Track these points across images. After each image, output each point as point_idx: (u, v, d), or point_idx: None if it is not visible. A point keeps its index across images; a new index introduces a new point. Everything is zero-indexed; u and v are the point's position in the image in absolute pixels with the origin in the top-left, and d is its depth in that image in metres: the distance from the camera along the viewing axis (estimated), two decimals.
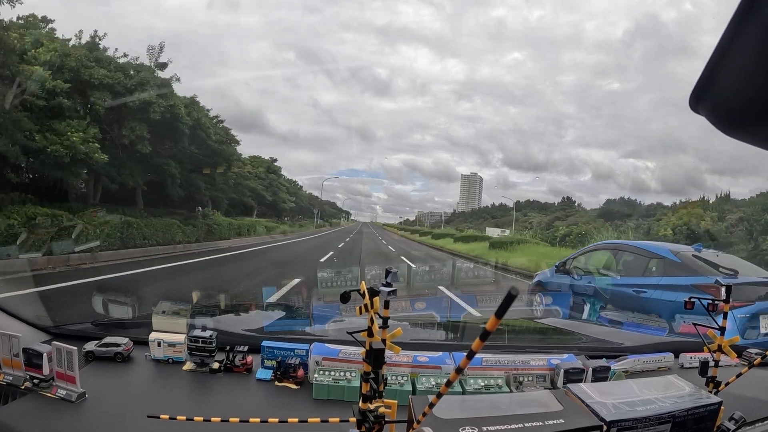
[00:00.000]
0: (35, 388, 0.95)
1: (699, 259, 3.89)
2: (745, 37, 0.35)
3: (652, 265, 4.10)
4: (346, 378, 1.04)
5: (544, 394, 0.82)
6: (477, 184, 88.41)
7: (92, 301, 1.76)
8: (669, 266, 3.91)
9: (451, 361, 1.12)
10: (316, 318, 1.84)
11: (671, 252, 4.05)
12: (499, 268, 11.04)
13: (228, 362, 1.14)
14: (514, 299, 0.40)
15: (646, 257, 4.24)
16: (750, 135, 0.42)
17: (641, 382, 0.89)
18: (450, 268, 2.84)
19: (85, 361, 1.12)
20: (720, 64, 0.38)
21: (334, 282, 2.21)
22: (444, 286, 2.85)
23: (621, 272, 4.51)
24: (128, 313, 1.62)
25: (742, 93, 0.38)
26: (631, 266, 4.48)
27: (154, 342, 1.16)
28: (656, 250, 4.22)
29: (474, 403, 0.79)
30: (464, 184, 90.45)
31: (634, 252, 4.55)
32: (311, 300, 2.20)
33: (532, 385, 1.12)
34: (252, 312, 1.95)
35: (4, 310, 1.23)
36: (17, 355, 0.96)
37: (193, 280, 7.21)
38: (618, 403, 0.77)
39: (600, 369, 1.13)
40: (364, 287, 0.65)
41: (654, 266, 4.08)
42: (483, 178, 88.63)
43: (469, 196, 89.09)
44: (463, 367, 0.49)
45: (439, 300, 2.05)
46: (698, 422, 0.79)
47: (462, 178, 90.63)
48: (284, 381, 1.09)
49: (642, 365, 1.28)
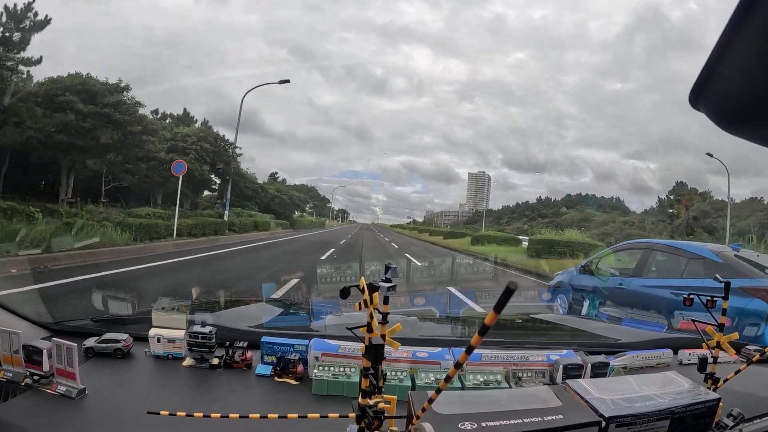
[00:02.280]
0: (35, 385, 0.95)
1: (741, 260, 3.70)
2: (745, 33, 0.35)
3: (691, 266, 3.87)
4: (345, 373, 1.05)
5: (543, 389, 0.82)
6: (485, 182, 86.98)
7: (92, 298, 1.76)
8: (711, 267, 3.66)
9: (450, 357, 1.12)
10: (316, 314, 1.84)
11: (712, 252, 3.84)
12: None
13: (228, 358, 1.14)
14: (512, 294, 0.40)
15: (683, 257, 4.01)
16: (750, 132, 0.42)
17: (640, 378, 0.89)
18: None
19: (84, 358, 1.12)
20: (720, 60, 0.38)
21: (334, 278, 2.21)
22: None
23: (653, 273, 4.29)
24: (128, 309, 1.63)
25: (742, 90, 0.38)
26: (665, 267, 4.27)
27: (153, 338, 1.16)
28: (695, 250, 4.00)
29: (473, 398, 0.79)
30: (471, 183, 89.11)
31: (669, 252, 4.32)
32: (311, 296, 2.19)
33: (531, 380, 1.13)
34: (251, 308, 1.95)
35: (4, 306, 1.23)
36: (17, 351, 0.96)
37: None
38: (617, 399, 0.77)
39: (599, 365, 1.14)
40: (363, 283, 0.65)
41: (693, 267, 3.85)
42: (491, 176, 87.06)
43: (476, 195, 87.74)
44: (462, 362, 0.49)
45: (438, 295, 2.05)
46: (697, 418, 0.79)
47: (469, 177, 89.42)
48: (284, 377, 1.09)
49: (641, 361, 1.28)
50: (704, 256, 3.83)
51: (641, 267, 4.41)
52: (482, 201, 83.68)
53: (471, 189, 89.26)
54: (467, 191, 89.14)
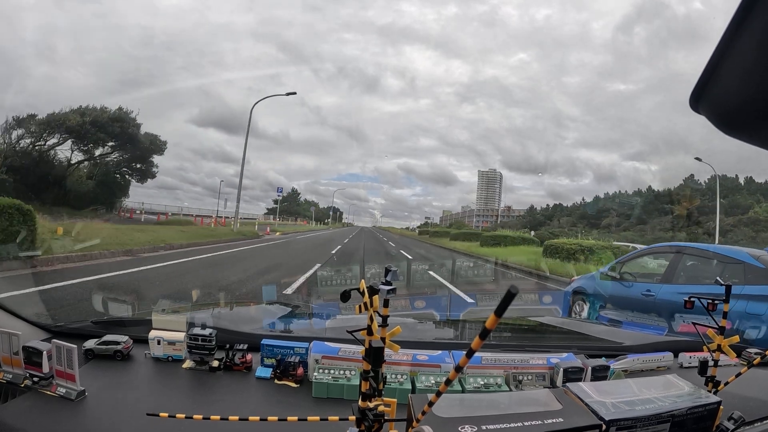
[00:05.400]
0: (35, 386, 0.95)
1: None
2: (745, 37, 0.35)
3: (729, 272, 3.60)
4: (345, 376, 1.04)
5: (544, 392, 0.82)
6: (497, 181, 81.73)
7: (92, 300, 1.76)
8: (751, 273, 3.42)
9: (450, 360, 1.12)
10: (316, 316, 1.84)
11: (752, 257, 3.56)
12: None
13: (228, 360, 1.14)
14: (513, 297, 0.40)
15: (718, 262, 3.76)
16: (750, 134, 0.42)
17: (640, 381, 0.89)
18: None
19: (84, 359, 1.12)
20: (720, 63, 0.38)
21: (334, 280, 2.22)
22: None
23: (683, 279, 4.00)
24: (128, 312, 1.62)
25: (742, 93, 0.38)
26: (697, 272, 3.99)
27: (153, 340, 1.16)
28: (732, 254, 3.73)
29: (473, 401, 0.79)
30: (482, 182, 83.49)
31: (702, 256, 4.03)
32: (311, 298, 2.20)
33: (531, 383, 1.12)
34: (252, 310, 1.95)
35: (4, 308, 1.23)
36: (17, 353, 0.96)
37: None
38: (617, 403, 0.77)
39: (599, 368, 1.13)
40: (363, 286, 0.65)
41: (731, 273, 3.58)
42: (503, 174, 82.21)
43: (487, 195, 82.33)
44: (463, 365, 0.49)
45: (438, 298, 2.05)
46: (697, 422, 0.79)
47: (480, 175, 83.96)
48: (284, 379, 1.09)
49: (641, 364, 1.28)
50: (743, 260, 3.58)
51: (671, 272, 4.11)
52: (494, 200, 79.43)
53: (482, 188, 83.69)
54: (477, 190, 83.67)
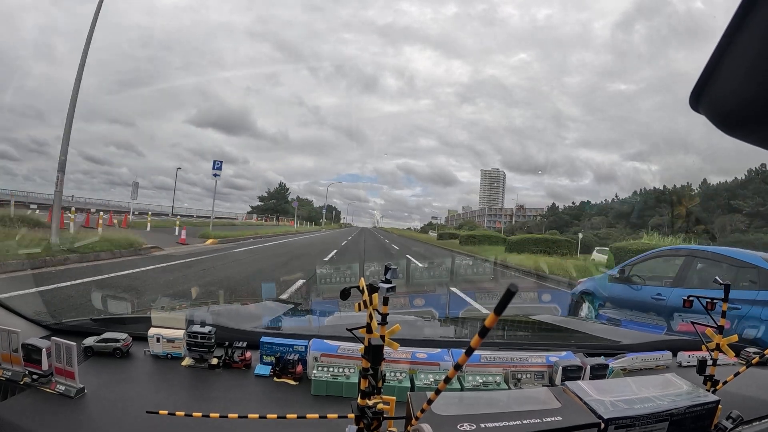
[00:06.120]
0: (34, 384, 0.95)
1: None
2: (745, 36, 0.35)
3: (743, 276, 3.53)
4: (344, 374, 1.04)
5: (542, 391, 0.82)
6: (500, 180, 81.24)
7: (91, 297, 1.76)
8: (766, 278, 3.35)
9: (449, 358, 1.12)
10: (315, 314, 1.84)
11: (766, 261, 3.49)
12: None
13: (227, 358, 1.14)
14: (513, 296, 0.40)
15: (732, 266, 3.69)
16: (750, 134, 0.42)
17: (639, 380, 0.89)
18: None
19: (84, 357, 1.12)
20: (720, 63, 0.38)
21: (334, 278, 2.22)
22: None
23: (695, 283, 3.92)
24: (127, 309, 1.62)
25: (743, 92, 0.38)
26: (710, 276, 3.84)
27: (153, 338, 1.16)
28: (746, 258, 3.65)
29: (472, 399, 0.79)
30: (485, 182, 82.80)
31: (715, 259, 3.96)
32: (310, 296, 2.20)
33: (530, 382, 1.13)
34: (251, 308, 1.95)
35: (3, 305, 1.23)
36: (16, 350, 0.96)
37: None
38: (616, 401, 0.77)
39: (598, 367, 1.14)
40: (363, 284, 0.65)
41: (745, 277, 3.51)
42: (506, 173, 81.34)
43: (490, 195, 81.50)
44: (462, 363, 0.49)
45: (438, 296, 2.05)
46: (696, 421, 0.79)
47: (483, 175, 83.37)
48: (283, 377, 1.09)
49: (640, 363, 1.28)
50: (757, 265, 3.50)
51: (682, 276, 4.04)
52: (497, 200, 78.21)
53: (484, 188, 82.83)
54: (480, 190, 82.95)
